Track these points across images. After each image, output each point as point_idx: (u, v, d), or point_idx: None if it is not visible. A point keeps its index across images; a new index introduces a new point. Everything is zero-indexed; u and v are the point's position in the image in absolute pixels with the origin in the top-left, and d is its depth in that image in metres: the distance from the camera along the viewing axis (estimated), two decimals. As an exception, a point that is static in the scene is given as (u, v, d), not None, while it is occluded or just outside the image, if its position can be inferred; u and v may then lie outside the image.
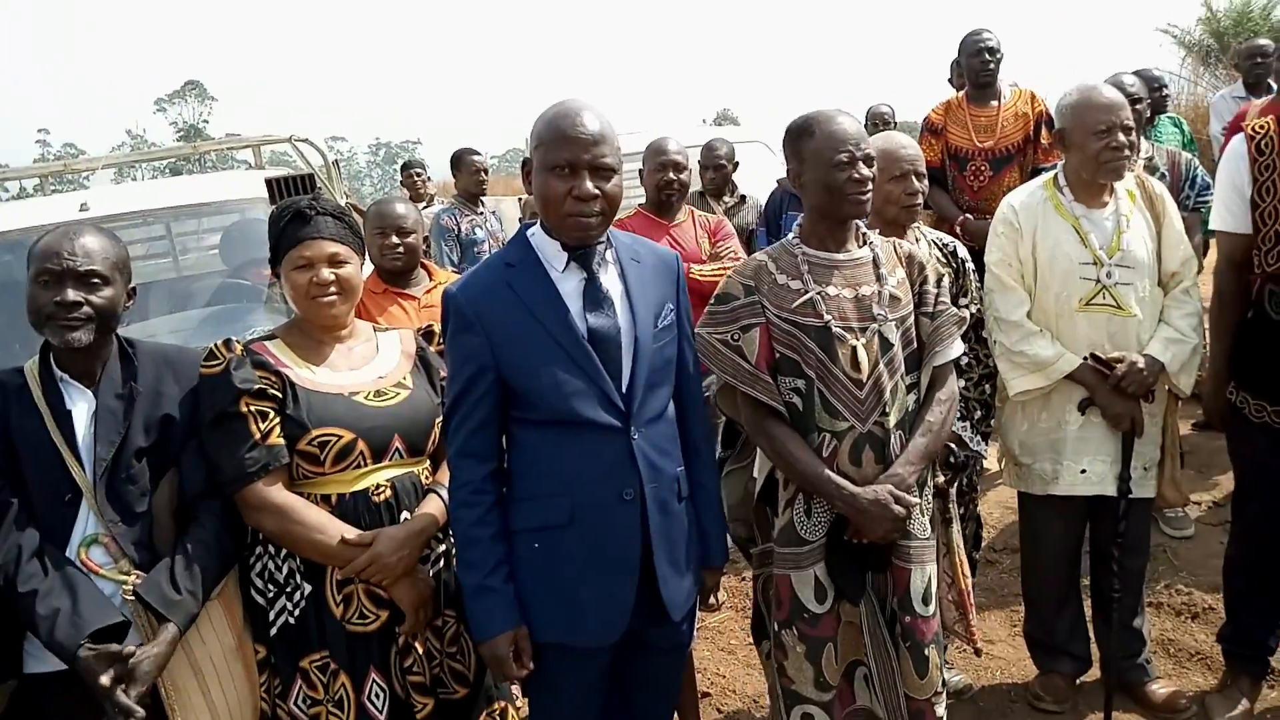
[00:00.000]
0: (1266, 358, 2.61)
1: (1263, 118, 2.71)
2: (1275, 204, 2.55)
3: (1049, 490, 2.81)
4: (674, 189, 3.56)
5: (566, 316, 1.91)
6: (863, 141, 2.09)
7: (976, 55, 4.60)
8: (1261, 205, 2.58)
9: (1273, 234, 2.55)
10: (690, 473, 2.09)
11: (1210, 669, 3.10)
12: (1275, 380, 2.59)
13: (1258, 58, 5.79)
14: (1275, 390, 2.60)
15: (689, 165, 3.63)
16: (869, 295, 2.13)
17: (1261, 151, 2.59)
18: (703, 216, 3.73)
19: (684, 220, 3.66)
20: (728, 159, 4.94)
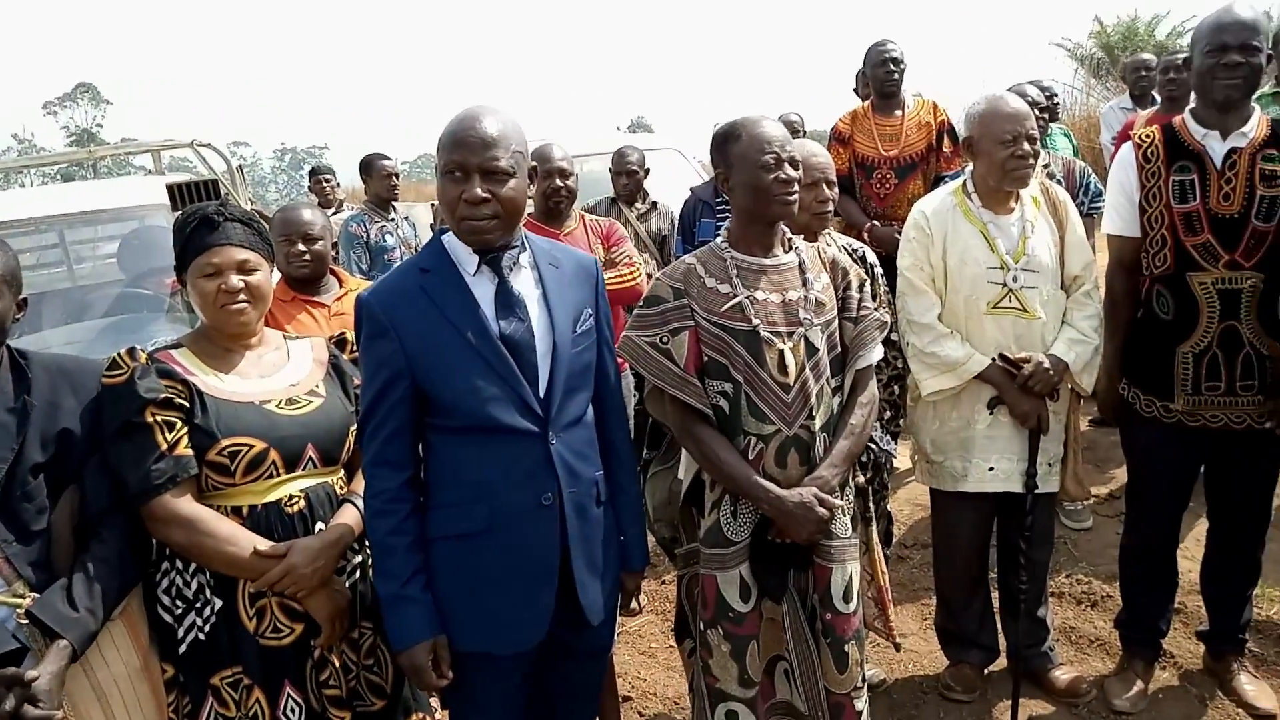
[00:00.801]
0: (1155, 355, 2.75)
1: (1149, 127, 2.85)
2: (1161, 209, 2.68)
3: (959, 487, 2.90)
4: (561, 196, 3.51)
5: (482, 322, 1.89)
6: (788, 144, 2.13)
7: (881, 65, 4.72)
8: (1149, 210, 2.71)
9: (1159, 237, 2.69)
10: (610, 477, 2.09)
11: (1109, 653, 3.24)
12: (1163, 376, 2.73)
13: (1142, 71, 6.10)
14: (1163, 386, 2.73)
15: (575, 171, 3.58)
16: (795, 300, 2.17)
17: (1148, 159, 2.72)
18: (594, 222, 3.69)
19: (575, 227, 3.61)
20: (639, 165, 4.93)
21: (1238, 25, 2.54)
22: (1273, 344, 2.62)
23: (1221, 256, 2.60)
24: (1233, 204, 2.59)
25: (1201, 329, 2.64)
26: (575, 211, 3.66)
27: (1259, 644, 3.17)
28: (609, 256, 3.56)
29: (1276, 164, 2.57)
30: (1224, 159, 2.61)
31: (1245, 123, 2.61)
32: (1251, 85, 2.59)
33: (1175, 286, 2.68)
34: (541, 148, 3.58)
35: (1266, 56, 2.58)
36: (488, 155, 1.84)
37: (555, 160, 3.50)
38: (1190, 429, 2.73)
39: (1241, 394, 2.64)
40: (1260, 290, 2.59)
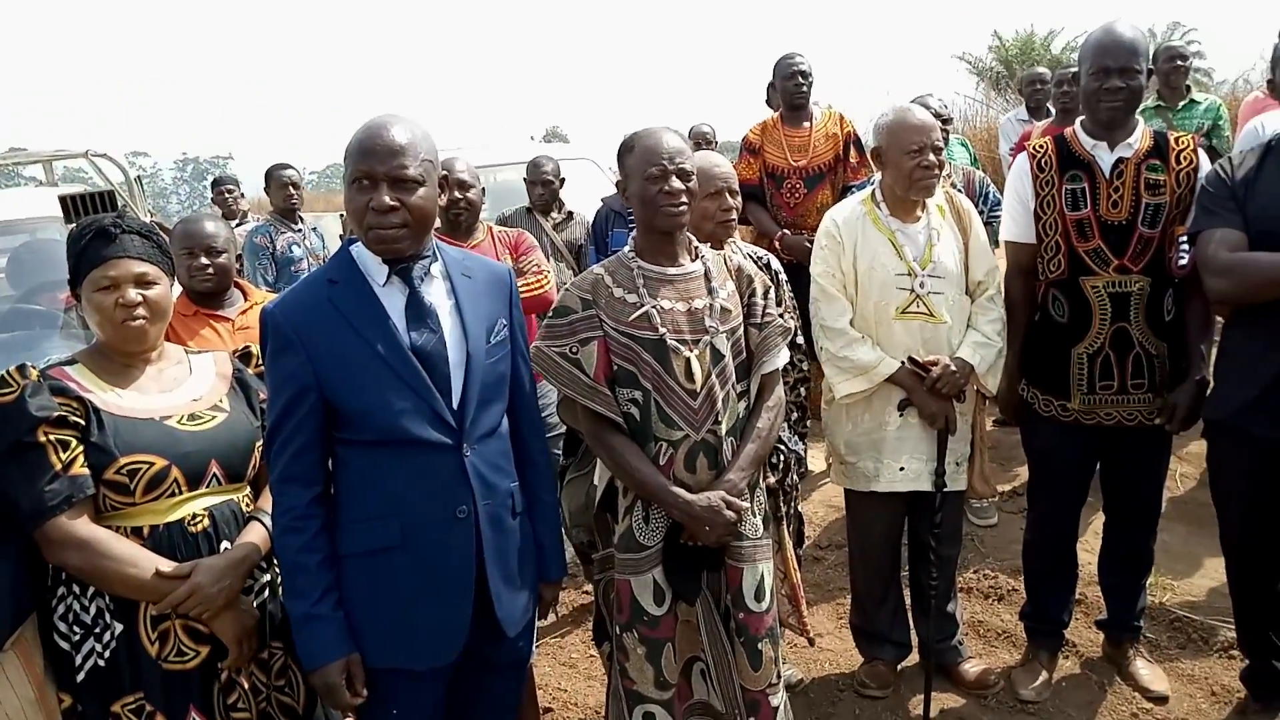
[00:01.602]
0: (1051, 356, 2.86)
1: (1043, 138, 2.97)
2: (1055, 216, 2.80)
3: (871, 487, 2.96)
4: (461, 209, 3.47)
5: (392, 333, 1.86)
6: (678, 156, 2.14)
7: (789, 78, 4.82)
8: (1043, 217, 2.83)
9: (1054, 243, 2.81)
10: (526, 487, 2.09)
11: (1015, 645, 3.35)
12: (1059, 377, 2.84)
13: (1037, 84, 6.35)
14: (1059, 386, 2.85)
15: (477, 184, 3.54)
16: (701, 308, 2.19)
17: (1042, 169, 2.84)
18: (502, 233, 3.66)
19: (482, 239, 3.57)
20: (554, 175, 4.93)
21: (1118, 49, 2.67)
22: (1160, 344, 2.75)
23: (1111, 261, 2.72)
24: (1121, 211, 2.72)
25: (1094, 331, 2.77)
26: (482, 224, 3.62)
27: (1153, 630, 3.32)
28: (518, 266, 3.54)
29: (1159, 173, 2.71)
30: (1112, 168, 2.74)
31: (1131, 134, 2.75)
32: (1133, 104, 2.72)
33: (1069, 290, 2.79)
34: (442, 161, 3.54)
35: (1148, 73, 2.72)
36: (396, 163, 1.82)
37: (456, 173, 3.47)
38: (1086, 427, 2.85)
39: (1133, 392, 2.77)
40: (1148, 293, 2.72)
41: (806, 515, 4.47)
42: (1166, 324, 2.76)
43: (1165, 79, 5.47)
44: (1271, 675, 2.75)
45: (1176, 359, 2.79)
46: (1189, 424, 2.77)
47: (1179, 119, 5.29)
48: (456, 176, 3.47)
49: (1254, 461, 2.54)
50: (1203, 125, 5.26)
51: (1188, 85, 5.49)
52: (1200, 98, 5.48)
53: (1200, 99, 5.46)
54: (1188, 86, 5.49)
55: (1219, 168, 2.59)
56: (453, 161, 3.53)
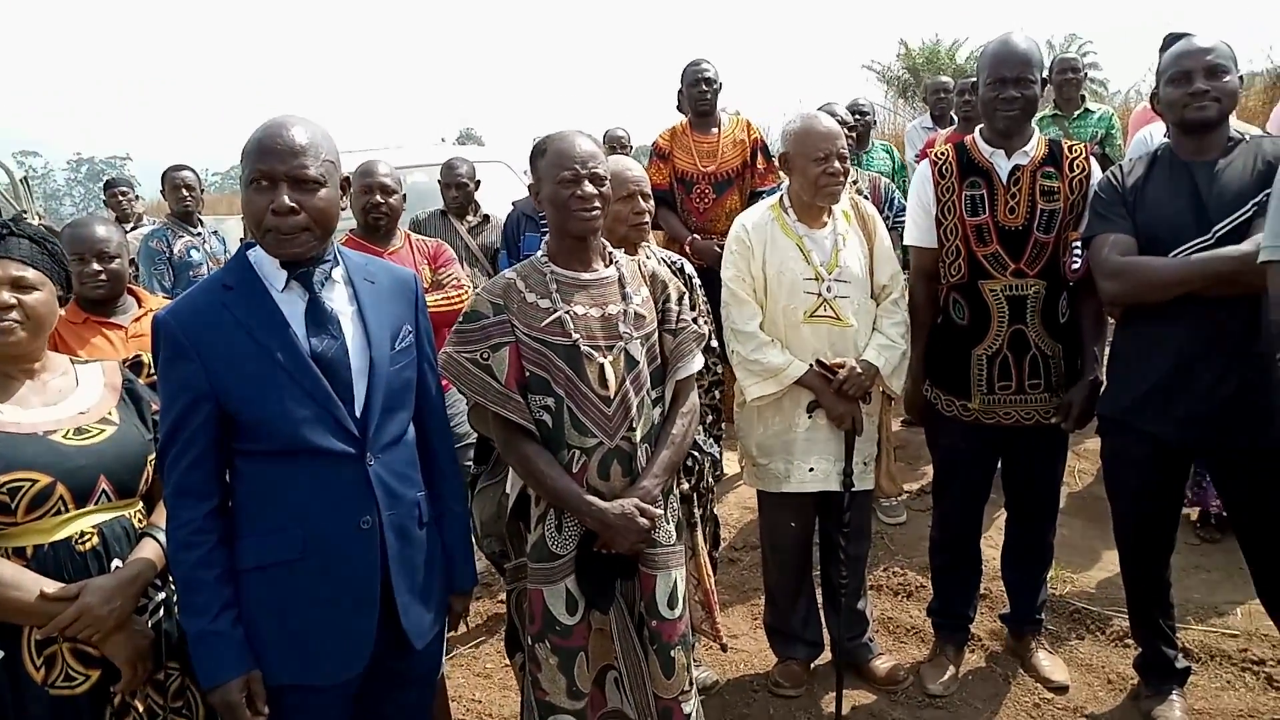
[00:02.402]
0: (953, 358, 2.95)
1: (944, 146, 3.06)
2: (955, 221, 2.88)
3: (782, 488, 3.00)
4: (382, 213, 3.40)
5: (291, 339, 1.81)
6: (591, 160, 2.13)
7: (695, 85, 4.85)
8: (944, 222, 2.91)
9: (954, 248, 2.89)
10: (435, 497, 2.05)
11: (923, 641, 3.43)
12: (960, 378, 2.93)
13: (940, 93, 6.53)
14: (961, 386, 2.94)
15: (399, 189, 3.48)
16: (615, 314, 2.18)
17: (943, 175, 2.93)
18: (421, 241, 3.59)
19: (400, 246, 3.49)
20: (469, 177, 4.85)
21: (1013, 60, 2.77)
22: (1056, 345, 2.85)
23: (1009, 265, 2.81)
24: (1017, 217, 2.81)
25: (993, 333, 2.85)
26: (401, 230, 3.55)
27: (1053, 621, 3.43)
28: (436, 278, 3.48)
29: (1054, 180, 2.81)
30: (1009, 175, 2.84)
31: (1027, 143, 2.85)
32: (1029, 113, 2.82)
33: (969, 294, 2.88)
34: (365, 164, 3.47)
35: (1042, 83, 2.82)
36: (296, 163, 1.78)
37: (378, 176, 3.40)
38: (986, 426, 2.94)
39: (1030, 392, 2.87)
40: (1043, 296, 2.81)
41: (722, 517, 4.50)
42: (1061, 326, 2.86)
43: (1059, 89, 5.69)
44: (1162, 661, 2.87)
45: (1072, 359, 2.89)
46: (1084, 422, 2.88)
47: (1074, 128, 5.51)
48: (378, 180, 3.40)
49: (1144, 455, 2.65)
50: (1096, 134, 5.49)
51: (1082, 95, 5.72)
52: (1094, 107, 5.71)
53: (1094, 109, 5.69)
54: (1082, 96, 5.72)
55: (1110, 175, 2.70)
56: (374, 165, 3.46)
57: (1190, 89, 2.48)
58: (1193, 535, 3.95)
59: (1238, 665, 3.11)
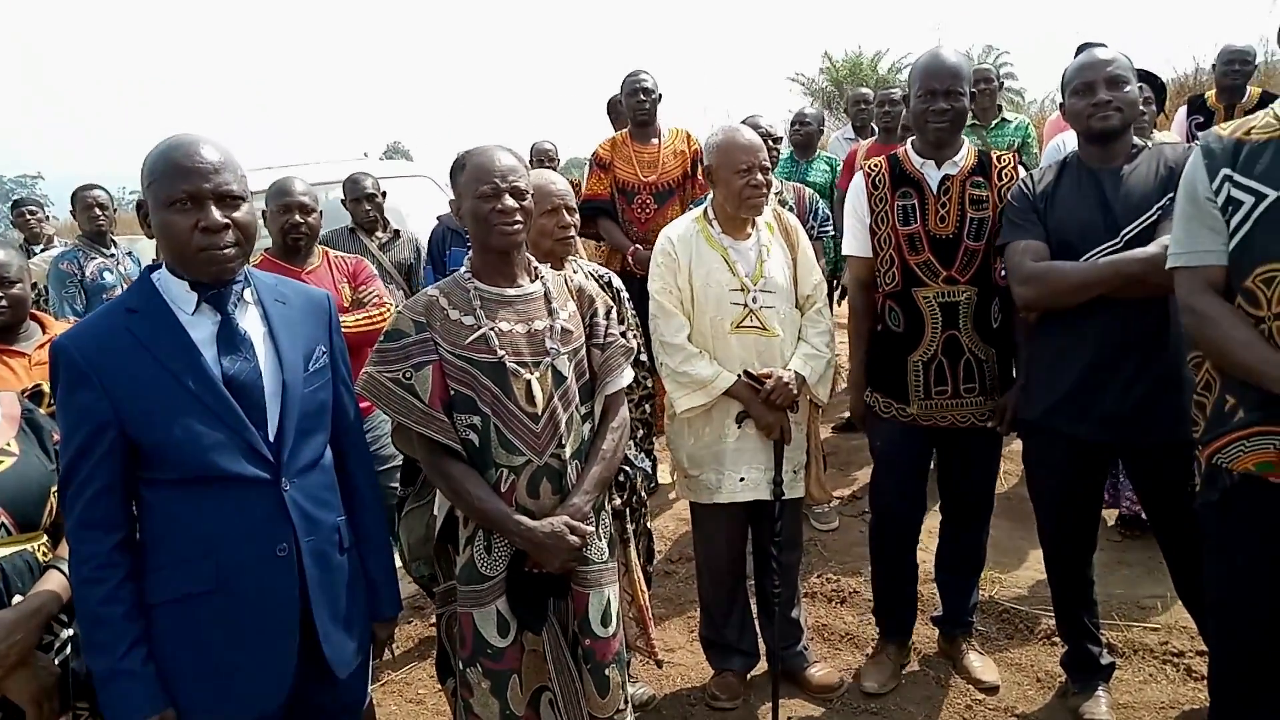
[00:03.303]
0: (891, 364, 2.99)
1: (877, 158, 3.11)
2: (888, 231, 2.94)
3: (714, 499, 3.01)
4: (301, 233, 3.32)
5: (200, 363, 1.75)
6: (511, 174, 2.11)
7: (633, 95, 4.86)
8: (878, 232, 2.96)
9: (888, 257, 2.94)
10: (355, 522, 2.00)
11: (858, 646, 3.46)
12: (898, 383, 2.98)
13: (862, 104, 6.64)
14: (899, 391, 2.98)
15: (318, 207, 3.40)
16: (541, 330, 2.15)
17: (876, 186, 2.98)
18: (340, 259, 3.52)
19: (318, 265, 3.41)
20: (375, 189, 4.69)
21: (943, 73, 2.83)
22: (989, 350, 2.92)
23: (940, 273, 2.87)
24: (948, 225, 2.87)
25: (927, 339, 2.91)
26: (319, 249, 3.47)
27: (984, 623, 3.49)
28: (357, 296, 3.40)
29: (983, 189, 2.88)
30: (939, 185, 2.90)
31: (957, 153, 2.92)
32: (958, 124, 2.89)
33: (903, 301, 2.93)
34: (281, 181, 3.39)
35: (971, 95, 2.88)
36: (219, 180, 1.74)
37: (296, 195, 3.31)
38: (923, 428, 2.99)
39: (965, 396, 2.93)
40: (975, 302, 2.88)
41: (657, 530, 4.49)
42: (994, 331, 2.93)
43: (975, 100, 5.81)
44: (1088, 658, 2.94)
45: (1005, 363, 2.96)
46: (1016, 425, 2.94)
47: (992, 137, 5.65)
48: (297, 199, 3.32)
49: (1063, 457, 2.71)
50: (1013, 143, 5.63)
51: (999, 105, 5.87)
52: (1011, 117, 5.87)
53: (1011, 118, 5.84)
54: (999, 106, 5.87)
55: (1022, 183, 2.76)
56: (291, 183, 3.37)
57: (1094, 99, 2.56)
58: (1115, 533, 4.05)
59: (1159, 658, 3.19)
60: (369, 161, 6.65)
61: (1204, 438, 2.18)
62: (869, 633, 3.50)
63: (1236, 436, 2.09)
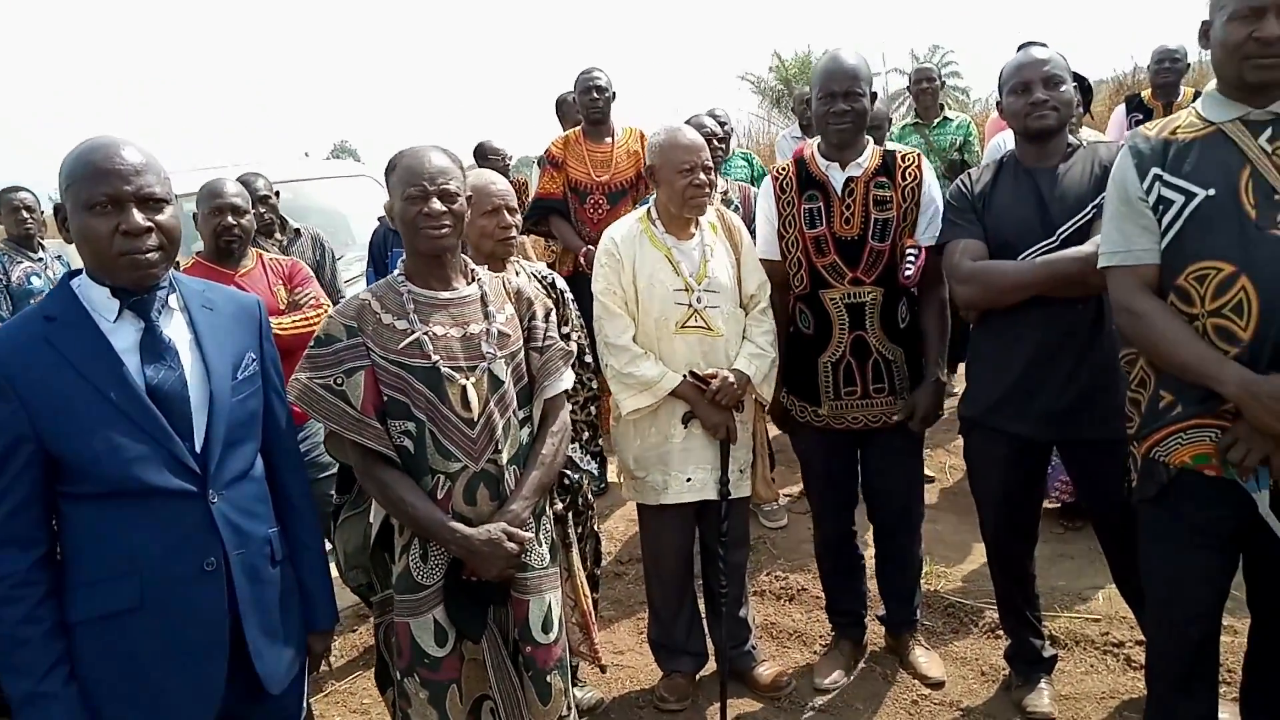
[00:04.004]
0: (802, 366, 3.01)
1: (786, 161, 3.12)
2: (796, 234, 2.96)
3: (661, 500, 2.99)
4: (234, 235, 3.24)
5: (122, 372, 1.69)
6: (440, 176, 2.06)
7: (586, 93, 4.81)
8: (786, 235, 2.99)
9: (796, 259, 2.96)
10: (288, 533, 1.96)
11: (806, 644, 3.47)
12: (810, 384, 3.00)
13: (808, 103, 6.65)
14: (811, 393, 3.01)
15: (250, 209, 3.32)
16: (477, 333, 2.12)
17: (784, 190, 3.00)
18: (275, 261, 3.44)
19: (252, 267, 3.33)
20: (269, 191, 4.52)
21: (841, 75, 2.86)
22: (897, 349, 2.94)
23: (846, 274, 2.90)
24: (853, 227, 2.90)
25: (835, 340, 2.94)
26: (253, 251, 3.39)
27: (928, 617, 3.51)
28: (293, 298, 3.32)
29: (886, 190, 2.90)
30: (843, 187, 2.92)
31: (861, 154, 2.94)
32: (859, 125, 2.90)
33: (812, 303, 2.96)
34: (213, 183, 3.31)
35: (872, 96, 2.91)
36: (141, 182, 1.69)
37: (228, 196, 3.24)
38: (837, 430, 3.01)
39: (875, 396, 2.95)
40: (880, 303, 2.90)
41: (608, 531, 4.48)
42: (902, 331, 2.95)
43: (918, 99, 5.89)
44: (1030, 651, 2.98)
45: (915, 363, 2.98)
46: (929, 422, 2.98)
47: (935, 135, 5.70)
48: (229, 200, 3.24)
49: (1005, 453, 2.74)
50: (955, 141, 5.69)
51: (941, 104, 5.93)
52: (953, 115, 5.92)
53: (953, 116, 5.90)
54: (941, 105, 5.93)
55: (960, 182, 2.78)
56: (223, 184, 3.30)
57: (1031, 99, 2.58)
58: (1057, 525, 4.11)
59: (1100, 649, 3.24)
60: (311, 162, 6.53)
61: (1140, 432, 2.21)
62: (817, 630, 3.51)
63: (1174, 429, 2.12)
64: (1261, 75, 1.97)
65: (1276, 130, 2.01)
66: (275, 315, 3.25)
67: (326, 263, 4.74)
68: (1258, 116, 2.03)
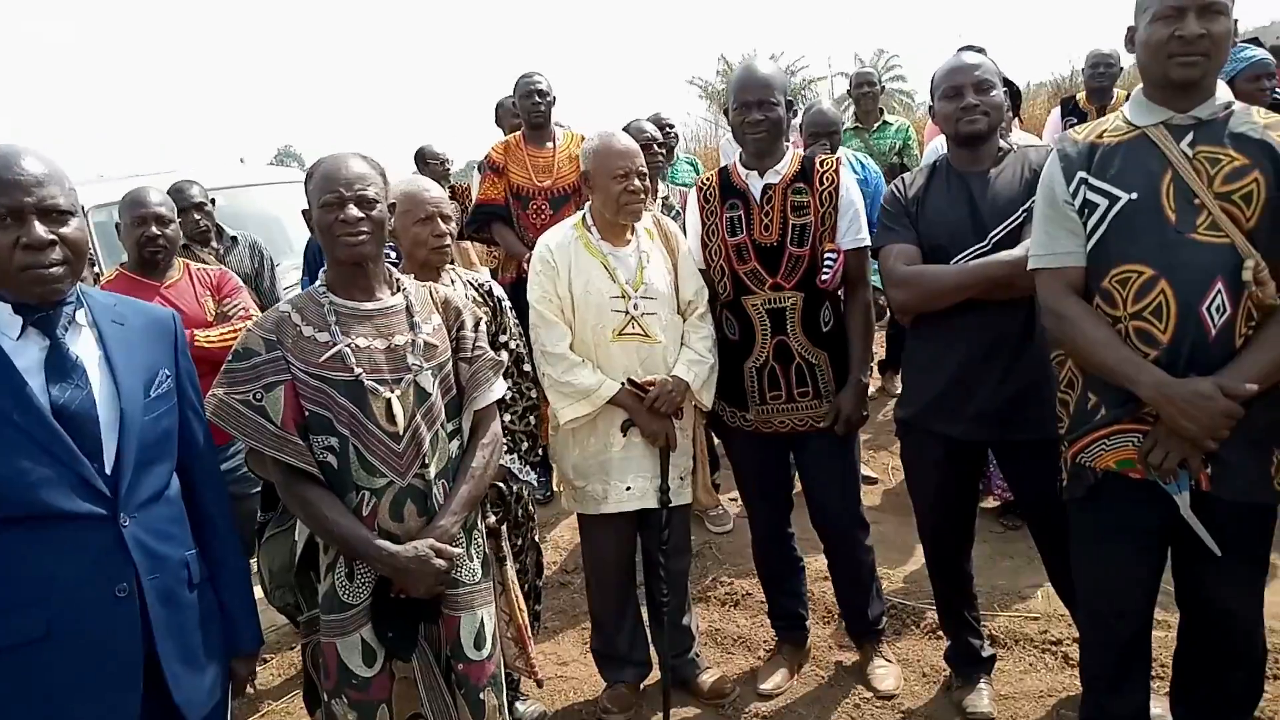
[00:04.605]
0: (730, 372, 3.01)
1: (710, 171, 3.13)
2: (719, 243, 2.97)
3: (601, 509, 2.96)
4: (158, 245, 3.16)
5: (25, 393, 1.63)
6: (358, 182, 2.02)
7: (527, 97, 4.75)
8: (709, 244, 3.00)
9: (719, 268, 2.98)
10: (208, 554, 1.90)
11: (750, 649, 3.46)
12: (737, 390, 3.01)
13: (726, 113, 6.68)
14: (739, 398, 3.02)
15: (175, 219, 3.25)
16: (402, 345, 2.07)
17: (707, 200, 3.02)
18: (202, 271, 3.35)
19: (178, 278, 3.25)
20: (204, 199, 4.39)
21: (755, 84, 2.89)
22: (820, 353, 2.95)
23: (767, 280, 2.91)
24: (771, 234, 2.92)
25: (759, 345, 2.95)
26: (179, 261, 3.30)
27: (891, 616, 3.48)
28: (221, 309, 3.24)
29: (803, 196, 2.92)
30: (762, 195, 2.94)
31: (779, 161, 2.95)
32: (775, 133, 2.92)
33: (735, 310, 2.98)
34: (135, 191, 3.22)
35: (787, 104, 2.92)
36: (44, 193, 1.64)
37: (152, 205, 3.15)
38: (766, 435, 3.02)
39: (799, 400, 2.96)
40: (801, 307, 2.91)
41: (554, 540, 4.45)
42: (824, 334, 2.96)
43: (858, 103, 5.95)
44: (969, 651, 3.00)
45: (839, 366, 2.99)
46: (854, 425, 2.99)
47: (874, 139, 5.76)
48: (153, 210, 3.15)
49: (940, 455, 2.75)
50: (894, 145, 5.76)
51: (880, 109, 5.98)
52: (892, 120, 5.99)
53: (892, 120, 5.96)
54: (881, 110, 5.98)
55: (894, 187, 2.80)
56: (146, 193, 3.21)
57: (962, 104, 2.60)
58: (997, 525, 4.16)
59: (1039, 647, 3.27)
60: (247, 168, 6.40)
61: (1068, 436, 2.23)
62: (762, 635, 3.51)
63: (1098, 435, 2.15)
64: (1184, 73, 2.01)
65: (1198, 135, 2.04)
66: (203, 327, 3.18)
67: (266, 270, 4.64)
68: (1180, 121, 2.06)
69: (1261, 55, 4.07)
